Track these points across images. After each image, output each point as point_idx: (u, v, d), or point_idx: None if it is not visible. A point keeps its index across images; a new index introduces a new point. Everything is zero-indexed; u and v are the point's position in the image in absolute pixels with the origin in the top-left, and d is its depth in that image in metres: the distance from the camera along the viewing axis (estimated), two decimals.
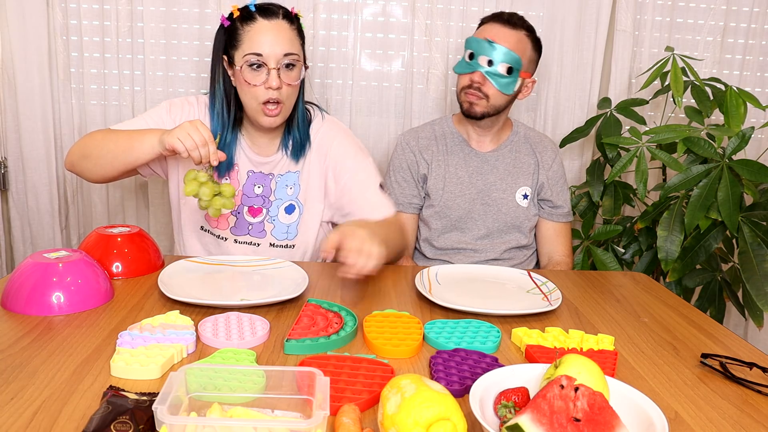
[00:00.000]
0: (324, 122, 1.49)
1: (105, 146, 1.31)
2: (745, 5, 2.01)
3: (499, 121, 1.63)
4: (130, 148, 1.27)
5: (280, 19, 1.32)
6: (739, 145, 1.64)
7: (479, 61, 1.52)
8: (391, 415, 0.66)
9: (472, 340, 0.98)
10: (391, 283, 1.28)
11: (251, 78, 1.31)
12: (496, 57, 1.50)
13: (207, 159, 1.20)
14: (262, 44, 1.29)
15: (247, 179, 1.45)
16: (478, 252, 1.63)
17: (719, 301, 1.83)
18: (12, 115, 1.90)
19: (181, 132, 1.19)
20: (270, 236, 1.47)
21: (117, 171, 1.33)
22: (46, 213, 1.97)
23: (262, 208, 1.46)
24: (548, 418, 0.64)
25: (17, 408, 0.74)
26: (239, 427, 0.64)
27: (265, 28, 1.29)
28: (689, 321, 1.15)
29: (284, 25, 1.32)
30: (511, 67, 1.51)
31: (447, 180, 1.63)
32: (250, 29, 1.30)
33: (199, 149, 1.19)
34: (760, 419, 0.81)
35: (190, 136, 1.18)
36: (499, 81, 1.52)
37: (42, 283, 1.03)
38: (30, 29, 1.84)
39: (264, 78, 1.30)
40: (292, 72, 1.33)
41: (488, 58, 1.51)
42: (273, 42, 1.29)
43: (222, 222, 1.46)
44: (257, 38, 1.29)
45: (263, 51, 1.29)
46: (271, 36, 1.29)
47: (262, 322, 1.00)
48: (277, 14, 1.32)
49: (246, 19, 1.31)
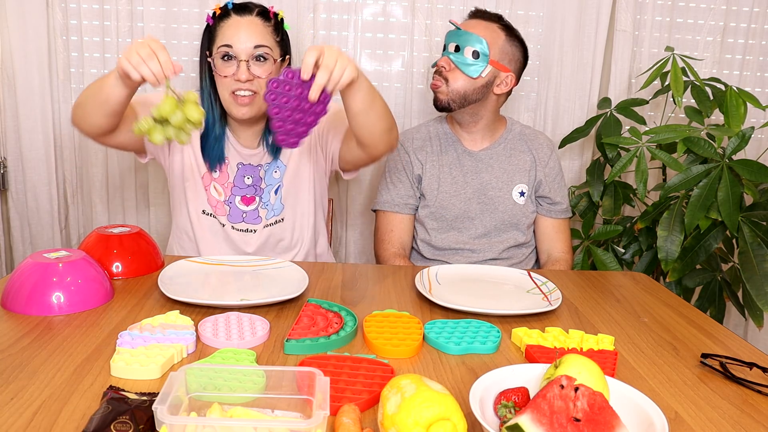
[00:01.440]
0: None
1: (87, 91, 1.24)
2: (745, 5, 2.01)
3: (480, 116, 1.61)
4: (101, 85, 1.18)
5: (253, 16, 1.38)
6: (739, 145, 1.64)
7: (448, 48, 1.55)
8: (391, 415, 0.67)
9: (472, 340, 0.98)
10: (391, 283, 1.28)
11: (222, 69, 1.36)
12: (462, 42, 1.52)
13: (160, 73, 1.06)
14: (232, 37, 1.35)
15: (237, 171, 1.48)
16: (476, 252, 1.63)
17: (719, 301, 1.83)
18: (12, 115, 1.90)
19: (128, 50, 1.06)
20: (264, 220, 1.51)
21: (100, 115, 1.23)
22: (45, 213, 1.97)
23: (255, 196, 1.50)
24: (548, 418, 0.64)
25: (17, 408, 0.74)
26: (239, 427, 0.64)
27: (236, 23, 1.36)
28: (689, 321, 1.15)
29: (256, 20, 1.37)
30: (476, 51, 1.51)
31: (441, 180, 1.63)
32: (224, 24, 1.37)
33: (146, 63, 1.05)
34: (760, 419, 0.81)
35: (136, 53, 1.05)
36: (463, 63, 1.52)
37: (42, 283, 1.03)
38: (30, 29, 1.84)
39: (233, 69, 1.35)
40: (263, 65, 1.37)
41: (455, 44, 1.53)
42: (243, 35, 1.35)
43: (220, 208, 1.48)
44: (229, 32, 1.35)
45: (233, 43, 1.34)
46: (242, 30, 1.35)
47: (262, 322, 1.00)
48: (251, 11, 1.38)
49: (222, 17, 1.38)
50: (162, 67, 1.05)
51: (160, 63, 1.05)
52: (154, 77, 1.05)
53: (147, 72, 1.05)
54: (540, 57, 2.01)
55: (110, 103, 1.19)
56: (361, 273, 1.34)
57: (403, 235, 1.66)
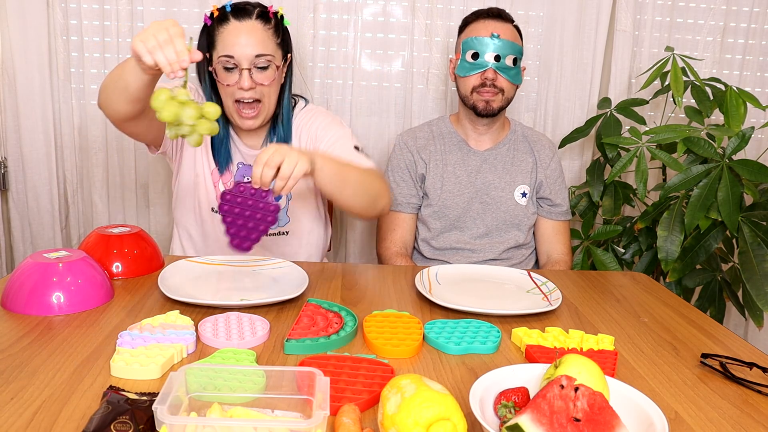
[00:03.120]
0: (303, 110, 1.50)
1: (110, 75, 1.18)
2: (745, 5, 2.01)
3: (503, 115, 1.65)
4: (122, 70, 1.12)
5: (253, 20, 1.33)
6: (739, 145, 1.64)
7: (486, 58, 1.53)
8: (391, 415, 0.67)
9: (472, 340, 0.98)
10: (391, 283, 1.28)
11: (224, 78, 1.34)
12: (503, 51, 1.52)
13: (176, 62, 0.98)
14: (234, 46, 1.31)
15: (237, 171, 1.47)
16: (477, 252, 1.63)
17: (719, 301, 1.83)
18: (12, 115, 1.90)
19: (144, 32, 0.98)
20: None
21: (122, 102, 1.17)
22: (46, 213, 1.97)
23: None
24: (548, 418, 0.64)
25: (17, 408, 0.74)
26: (239, 427, 0.64)
27: (236, 30, 1.31)
28: (689, 321, 1.15)
29: (257, 25, 1.33)
30: (515, 58, 1.55)
31: (445, 179, 1.63)
32: (223, 30, 1.32)
33: (162, 50, 0.97)
34: (760, 419, 0.81)
35: (153, 36, 0.97)
36: (509, 73, 1.54)
37: (42, 283, 1.03)
38: (30, 29, 1.84)
39: (236, 78, 1.33)
40: (265, 72, 1.34)
41: (495, 54, 1.52)
42: (244, 44, 1.31)
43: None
44: (229, 40, 1.31)
45: (234, 53, 1.31)
46: (242, 38, 1.31)
47: (262, 322, 1.00)
48: (251, 14, 1.33)
49: (221, 20, 1.33)
50: (177, 56, 0.97)
51: (176, 51, 0.97)
52: (169, 66, 0.97)
53: (162, 59, 0.97)
54: (540, 57, 2.01)
55: (130, 90, 1.12)
56: (361, 273, 1.34)
57: (405, 234, 1.66)
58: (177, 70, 0.98)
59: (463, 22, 1.62)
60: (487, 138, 1.66)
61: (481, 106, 1.57)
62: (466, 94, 1.58)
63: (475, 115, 1.59)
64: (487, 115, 1.58)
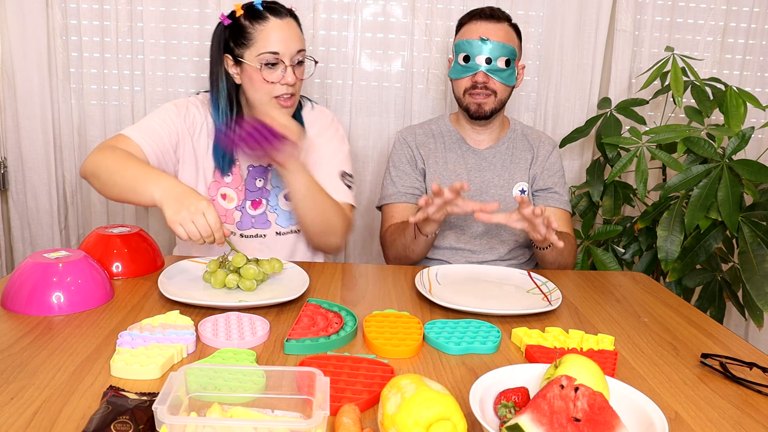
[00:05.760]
0: (313, 111, 1.54)
1: (113, 177, 1.23)
2: (745, 5, 2.01)
3: (500, 116, 1.64)
4: (133, 191, 1.20)
5: (289, 17, 1.37)
6: (739, 145, 1.64)
7: (477, 61, 1.52)
8: (391, 415, 0.66)
9: (472, 340, 0.98)
10: (391, 283, 1.28)
11: (268, 76, 1.34)
12: (494, 53, 1.51)
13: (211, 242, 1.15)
14: (278, 43, 1.33)
15: (248, 174, 1.47)
16: (476, 252, 1.62)
17: (719, 301, 1.83)
18: (12, 115, 1.90)
19: (186, 219, 1.12)
20: (275, 225, 1.49)
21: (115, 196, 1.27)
22: (45, 213, 1.97)
23: (261, 199, 1.48)
24: (548, 418, 0.64)
25: (17, 408, 0.74)
26: (239, 427, 0.64)
27: (278, 27, 1.33)
28: (689, 321, 1.15)
29: (293, 23, 1.37)
30: (508, 59, 1.53)
31: (445, 177, 1.63)
32: (263, 28, 1.33)
33: (204, 239, 1.13)
34: (760, 419, 0.81)
35: (195, 225, 1.12)
36: (501, 75, 1.53)
37: (42, 283, 1.03)
38: (30, 29, 1.84)
39: (280, 75, 1.34)
40: (301, 67, 1.39)
41: (486, 56, 1.52)
42: (287, 40, 1.34)
43: (229, 218, 1.47)
44: (272, 37, 1.33)
45: (279, 49, 1.33)
46: (284, 34, 1.34)
47: (262, 322, 1.00)
48: (285, 13, 1.36)
49: (256, 18, 1.33)
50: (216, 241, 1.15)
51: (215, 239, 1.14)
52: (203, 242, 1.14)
53: (201, 244, 1.15)
54: (540, 57, 2.01)
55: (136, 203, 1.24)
56: (361, 273, 1.34)
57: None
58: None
59: (458, 23, 1.62)
60: (485, 137, 1.65)
61: (473, 108, 1.57)
62: (460, 96, 1.59)
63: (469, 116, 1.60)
64: (479, 118, 1.58)
